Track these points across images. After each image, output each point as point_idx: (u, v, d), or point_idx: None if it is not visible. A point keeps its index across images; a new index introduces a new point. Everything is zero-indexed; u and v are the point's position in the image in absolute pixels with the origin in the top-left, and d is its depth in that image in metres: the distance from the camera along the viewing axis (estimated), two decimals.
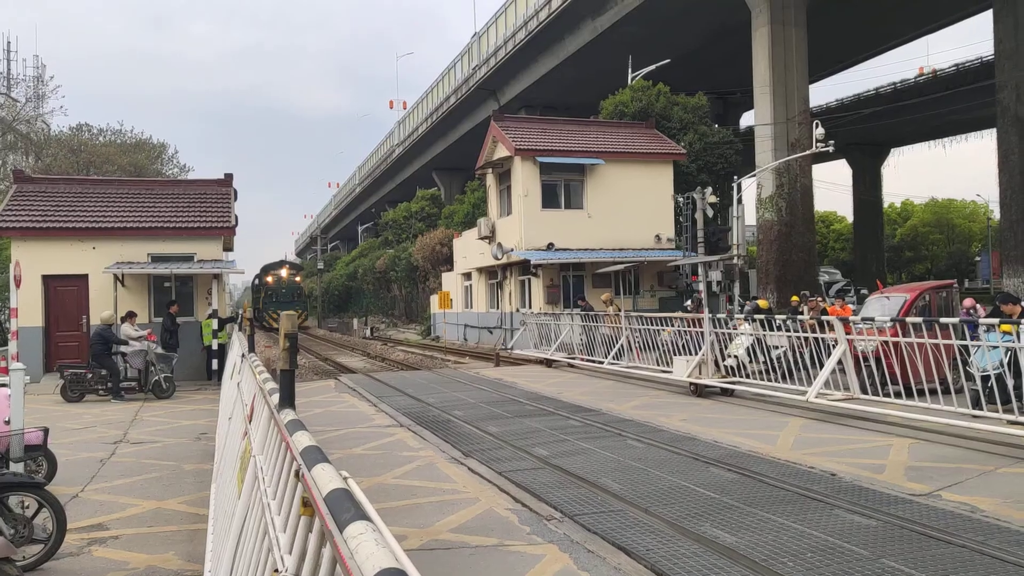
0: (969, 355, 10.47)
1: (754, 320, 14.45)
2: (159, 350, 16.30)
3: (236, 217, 21.44)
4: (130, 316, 16.72)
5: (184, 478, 8.70)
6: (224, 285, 21.75)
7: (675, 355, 15.35)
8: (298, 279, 60.15)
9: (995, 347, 10.00)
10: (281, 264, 63.33)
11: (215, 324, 18.54)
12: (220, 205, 21.51)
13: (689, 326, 15.41)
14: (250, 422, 4.71)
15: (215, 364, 18.37)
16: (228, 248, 22.26)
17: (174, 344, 17.66)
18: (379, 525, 1.83)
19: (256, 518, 3.31)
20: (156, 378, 15.91)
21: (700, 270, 23.92)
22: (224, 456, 6.53)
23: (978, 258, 66.41)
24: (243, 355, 7.96)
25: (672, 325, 16.47)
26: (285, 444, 3.01)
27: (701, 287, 23.26)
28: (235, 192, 22.54)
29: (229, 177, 22.99)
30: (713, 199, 24.90)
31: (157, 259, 19.77)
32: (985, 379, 10.04)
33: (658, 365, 16.40)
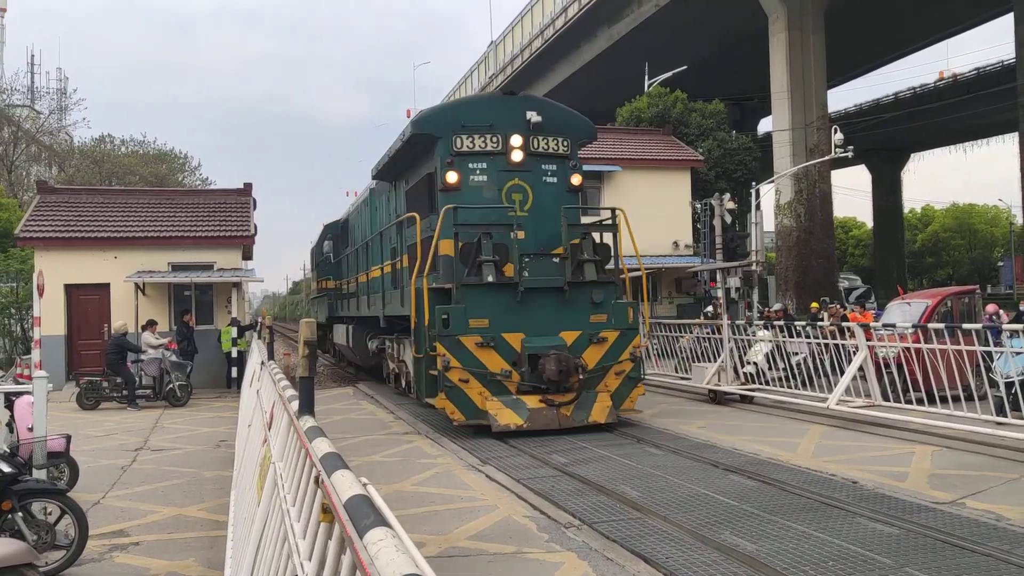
0: (992, 361, 10.35)
1: (773, 326, 14.36)
2: (174, 358, 16.42)
3: (255, 226, 21.60)
4: (151, 324, 16.87)
5: (204, 485, 8.74)
6: (243, 294, 21.90)
7: (694, 362, 15.27)
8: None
9: (1019, 353, 9.88)
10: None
11: (234, 332, 18.67)
12: (239, 214, 21.69)
13: (710, 332, 15.34)
14: (269, 429, 4.73)
15: (235, 372, 18.49)
16: (247, 257, 22.43)
17: (191, 351, 17.78)
18: (399, 531, 1.83)
19: (276, 525, 3.32)
20: (171, 386, 16.02)
21: (718, 276, 23.82)
22: (244, 463, 6.56)
23: (1000, 263, 65.62)
24: (262, 362, 8.00)
25: (691, 332, 16.41)
26: (304, 451, 3.02)
27: (719, 293, 23.18)
28: (254, 201, 22.72)
29: (248, 186, 23.18)
30: (731, 205, 24.79)
31: (177, 268, 19.94)
32: (1009, 386, 9.90)
33: (676, 372, 16.33)
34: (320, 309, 26.13)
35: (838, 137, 24.14)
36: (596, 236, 12.45)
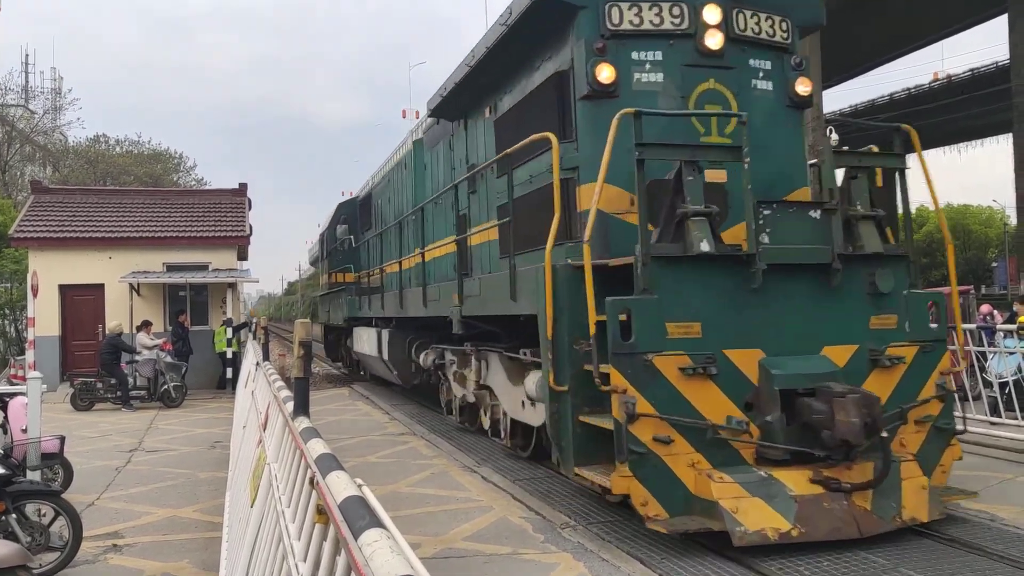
0: (986, 361, 10.39)
1: None
2: (168, 359, 16.38)
3: (250, 226, 21.57)
4: (146, 325, 16.83)
5: (199, 486, 8.72)
6: (239, 294, 21.86)
7: None
8: None
9: (1012, 353, 9.92)
10: None
11: (229, 332, 18.64)
12: (234, 214, 21.66)
13: None
14: (264, 430, 4.73)
15: (229, 372, 18.45)
16: (243, 257, 22.41)
17: (186, 352, 17.75)
18: (394, 533, 1.82)
19: (270, 526, 3.31)
20: (165, 387, 15.99)
21: None
22: (238, 464, 6.55)
23: (995, 264, 65.92)
24: (257, 363, 8.00)
25: None
26: (299, 452, 3.02)
27: None
28: (249, 201, 22.69)
29: (243, 187, 23.15)
30: None
31: (172, 268, 19.91)
32: (1003, 386, 9.95)
33: None
34: (335, 309, 19.94)
35: (833, 138, 24.22)
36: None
